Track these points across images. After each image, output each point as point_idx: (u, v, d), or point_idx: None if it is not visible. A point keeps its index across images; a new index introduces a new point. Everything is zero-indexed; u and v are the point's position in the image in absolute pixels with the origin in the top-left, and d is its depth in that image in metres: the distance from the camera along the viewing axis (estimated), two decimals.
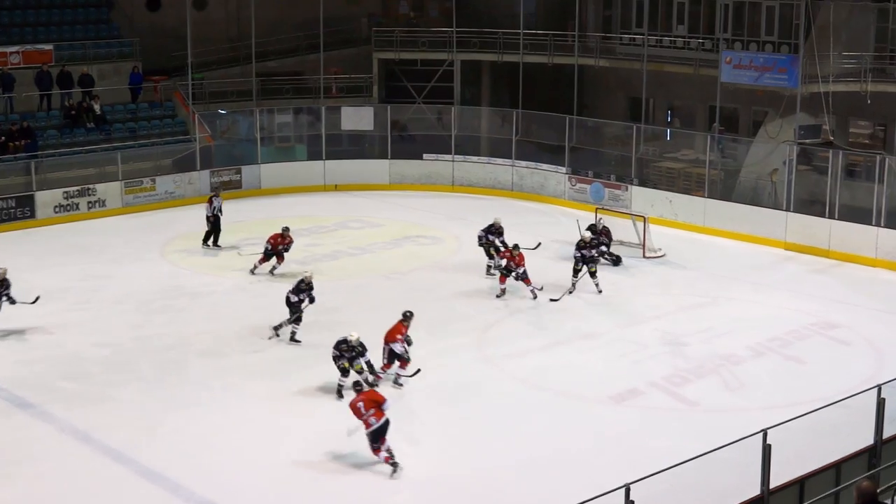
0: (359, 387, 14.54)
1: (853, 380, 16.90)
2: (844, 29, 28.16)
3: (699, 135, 31.06)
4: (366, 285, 22.57)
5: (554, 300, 21.38)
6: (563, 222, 27.74)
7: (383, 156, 32.54)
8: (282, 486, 13.99)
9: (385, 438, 14.05)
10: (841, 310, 21.26)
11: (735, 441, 11.56)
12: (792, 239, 25.78)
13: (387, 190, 31.97)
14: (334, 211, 29.31)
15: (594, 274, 21.95)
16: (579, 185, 30.20)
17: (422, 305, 21.15)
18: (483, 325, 20.12)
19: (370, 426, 13.98)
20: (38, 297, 19.93)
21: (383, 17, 37.21)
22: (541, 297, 21.52)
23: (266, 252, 22.85)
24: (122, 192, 28.88)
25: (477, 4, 35.44)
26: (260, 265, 22.96)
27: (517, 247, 21.75)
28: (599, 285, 21.95)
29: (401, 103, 33.95)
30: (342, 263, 24.27)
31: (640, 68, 30.92)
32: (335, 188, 31.89)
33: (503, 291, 21.72)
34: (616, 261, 24.08)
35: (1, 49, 29.87)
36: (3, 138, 28.06)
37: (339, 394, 16.47)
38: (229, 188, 30.08)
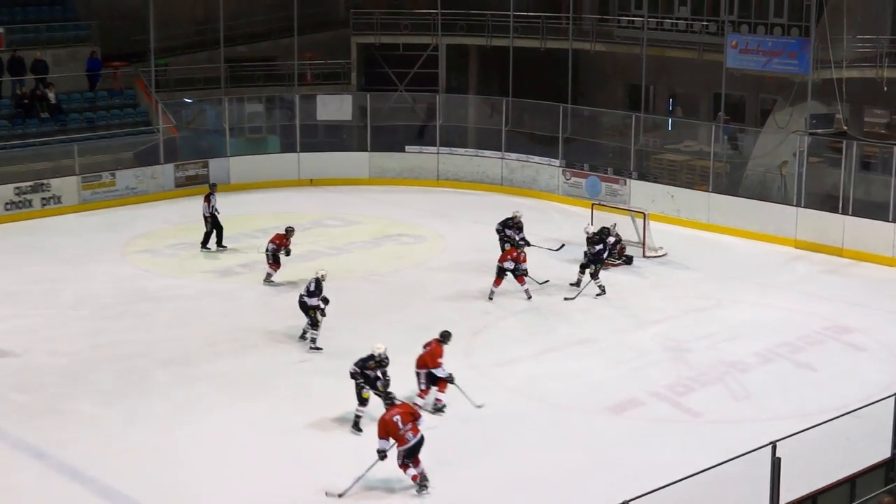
0: (390, 399, 14.12)
1: (869, 388, 16.97)
2: (859, 10, 28.23)
3: (703, 125, 31.16)
4: (343, 288, 22.47)
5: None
6: (557, 219, 27.78)
7: (362, 148, 32.53)
8: None
9: (419, 458, 13.85)
10: (855, 313, 21.34)
11: (742, 454, 11.55)
12: (802, 236, 25.86)
13: (366, 185, 31.95)
14: (309, 208, 29.24)
15: (595, 275, 22.00)
16: (574, 180, 30.23)
17: (404, 309, 21.27)
18: (470, 331, 20.10)
19: (406, 443, 13.72)
20: None
21: None
22: (538, 300, 21.62)
23: (274, 255, 22.36)
24: (79, 188, 28.77)
25: None
26: (274, 272, 22.45)
27: (519, 243, 22.23)
28: (604, 288, 22.10)
29: (381, 91, 33.92)
30: (318, 265, 24.16)
31: (640, 53, 30.99)
32: (310, 183, 31.85)
33: (491, 294, 21.77)
34: (628, 260, 24.30)
35: None
36: None
37: (357, 426, 15.47)
38: (195, 183, 30.04)
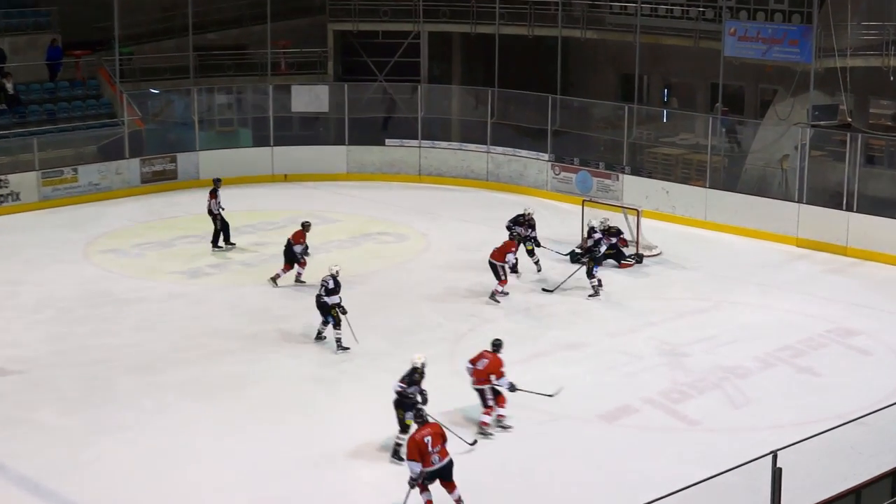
0: (421, 418, 14.02)
1: (874, 394, 17.06)
2: None
3: (700, 116, 31.24)
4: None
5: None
6: (546, 217, 27.79)
7: (340, 141, 32.53)
8: None
9: (454, 483, 13.59)
10: (860, 315, 21.43)
11: (741, 464, 11.62)
12: (804, 234, 25.97)
13: (344, 180, 31.96)
14: (284, 204, 29.25)
15: (590, 273, 22.11)
16: (563, 174, 30.29)
17: (384, 312, 21.24)
18: (454, 335, 20.13)
19: (431, 465, 13.47)
20: None
21: None
22: (527, 301, 21.76)
23: (300, 255, 22.32)
24: (39, 184, 28.69)
25: None
26: (304, 270, 22.41)
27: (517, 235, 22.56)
28: (597, 288, 22.21)
29: (360, 81, 33.91)
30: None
31: (633, 41, 31.05)
32: (284, 178, 31.83)
33: (496, 294, 21.89)
34: (639, 259, 24.48)
35: None
36: None
37: (398, 455, 15.03)
38: (162, 178, 29.99)
